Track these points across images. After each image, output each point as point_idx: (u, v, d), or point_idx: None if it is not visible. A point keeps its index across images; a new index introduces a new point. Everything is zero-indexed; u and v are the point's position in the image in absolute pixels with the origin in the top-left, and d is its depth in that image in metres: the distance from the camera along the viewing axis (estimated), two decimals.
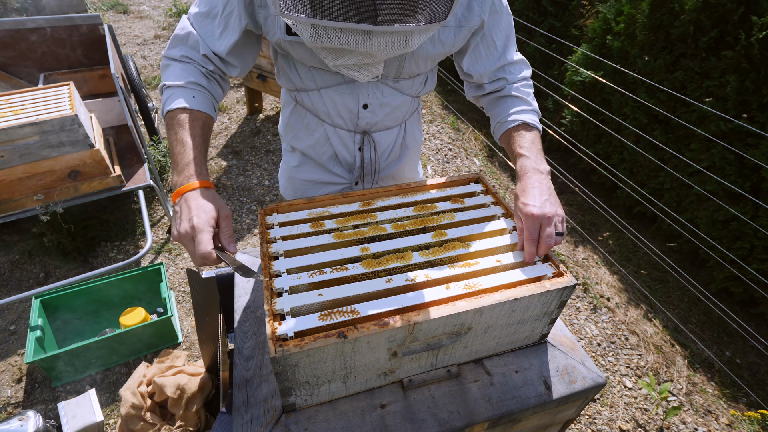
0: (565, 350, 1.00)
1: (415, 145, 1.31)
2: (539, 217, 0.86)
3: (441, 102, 4.52)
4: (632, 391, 2.19)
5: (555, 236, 0.87)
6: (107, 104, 2.82)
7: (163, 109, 0.93)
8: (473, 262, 0.87)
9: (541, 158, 0.98)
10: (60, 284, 2.06)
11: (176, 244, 2.72)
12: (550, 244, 0.86)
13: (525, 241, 0.88)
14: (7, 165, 2.01)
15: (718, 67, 2.37)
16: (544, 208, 0.87)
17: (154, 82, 4.34)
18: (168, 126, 0.91)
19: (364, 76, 0.80)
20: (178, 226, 0.81)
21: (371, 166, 1.22)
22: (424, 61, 1.02)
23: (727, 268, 2.45)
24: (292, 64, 1.05)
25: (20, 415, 1.66)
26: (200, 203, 0.81)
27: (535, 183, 0.92)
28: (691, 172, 2.58)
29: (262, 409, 0.86)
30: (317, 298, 0.78)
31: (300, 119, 1.18)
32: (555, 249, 2.96)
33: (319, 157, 1.22)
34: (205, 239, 0.78)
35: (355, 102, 1.07)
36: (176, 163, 0.87)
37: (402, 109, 1.15)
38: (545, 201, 0.88)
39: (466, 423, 0.85)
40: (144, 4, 6.21)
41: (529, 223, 0.87)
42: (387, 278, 0.82)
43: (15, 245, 2.59)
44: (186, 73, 0.94)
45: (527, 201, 0.89)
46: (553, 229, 0.87)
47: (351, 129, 1.14)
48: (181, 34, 0.95)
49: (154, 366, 1.89)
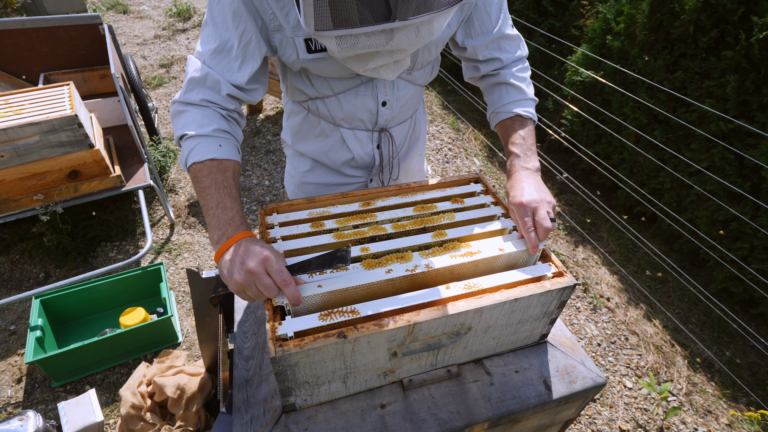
0: (565, 350, 1.00)
1: (422, 135, 1.34)
2: (527, 204, 0.90)
3: (441, 102, 4.52)
4: (632, 391, 2.19)
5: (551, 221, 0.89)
6: (107, 104, 2.82)
7: (186, 160, 0.88)
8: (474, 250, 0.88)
9: (531, 154, 1.01)
10: (60, 284, 2.06)
11: (176, 244, 2.72)
12: (547, 226, 0.87)
13: (522, 231, 0.90)
14: (7, 165, 2.01)
15: (718, 67, 2.37)
16: (530, 196, 0.91)
17: (154, 82, 4.34)
18: (197, 178, 0.86)
19: (393, 74, 0.81)
20: (240, 268, 0.73)
21: (389, 161, 1.22)
22: (435, 46, 1.03)
23: (727, 268, 2.45)
24: (307, 78, 1.04)
25: (20, 415, 1.66)
26: (260, 246, 0.76)
27: (522, 178, 0.96)
28: (691, 172, 2.58)
29: (262, 409, 0.86)
30: (316, 289, 0.78)
31: (312, 127, 1.17)
32: (555, 249, 2.96)
33: (332, 162, 1.22)
34: (281, 267, 0.73)
35: (374, 101, 1.07)
36: (217, 218, 0.81)
37: (414, 100, 1.17)
38: (532, 191, 0.92)
39: (466, 423, 0.85)
40: (144, 4, 6.21)
41: (520, 212, 0.90)
42: (387, 269, 0.82)
43: (15, 245, 2.59)
44: (207, 119, 0.89)
45: (515, 194, 0.94)
46: (545, 213, 0.89)
47: (369, 128, 1.14)
48: (197, 76, 0.89)
49: (154, 366, 1.89)
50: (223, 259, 0.77)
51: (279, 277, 0.72)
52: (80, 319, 2.19)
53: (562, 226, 3.15)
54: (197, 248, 2.72)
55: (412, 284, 0.84)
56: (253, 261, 0.72)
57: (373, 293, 0.82)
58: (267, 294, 0.73)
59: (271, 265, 0.72)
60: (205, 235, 2.81)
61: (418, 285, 0.85)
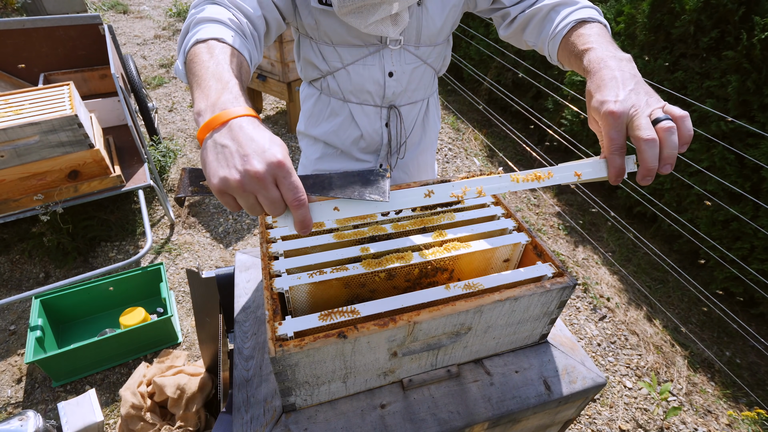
0: (565, 350, 1.00)
1: (435, 128, 1.34)
2: (621, 115, 0.61)
3: (441, 102, 4.52)
4: (632, 391, 2.19)
5: (663, 121, 0.59)
6: (107, 104, 2.82)
7: (186, 44, 0.70)
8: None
9: (615, 47, 0.75)
10: (60, 284, 2.06)
11: (176, 244, 2.72)
12: (648, 137, 0.59)
13: (609, 154, 0.63)
14: (7, 165, 2.01)
15: (718, 67, 2.37)
16: (627, 101, 0.62)
17: (154, 82, 4.34)
18: (194, 60, 0.65)
19: (393, 30, 0.84)
20: (240, 163, 0.51)
21: (397, 141, 1.23)
22: (440, 17, 1.04)
23: (727, 268, 2.45)
24: (317, 49, 1.07)
25: (20, 415, 1.66)
26: (269, 138, 0.54)
27: (613, 71, 0.67)
28: (691, 172, 2.58)
29: (262, 409, 0.86)
30: (332, 213, 0.62)
31: (324, 107, 1.20)
32: (555, 249, 2.96)
33: (342, 143, 1.23)
34: (297, 180, 0.54)
35: (381, 72, 1.09)
36: (208, 88, 0.60)
37: (424, 81, 1.18)
38: (630, 92, 0.63)
39: (466, 423, 0.85)
40: (144, 4, 6.21)
41: (609, 125, 0.62)
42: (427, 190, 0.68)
43: (15, 245, 2.59)
44: (228, 13, 0.75)
45: (605, 97, 0.64)
46: (647, 122, 0.60)
47: (377, 104, 1.16)
48: None
49: (154, 366, 1.89)
50: (211, 139, 0.54)
51: (292, 194, 0.53)
52: (80, 319, 2.19)
53: (562, 225, 3.15)
54: (197, 248, 2.72)
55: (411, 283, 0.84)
56: (260, 161, 0.51)
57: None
58: (268, 210, 0.54)
59: (286, 174, 0.52)
60: (206, 235, 2.81)
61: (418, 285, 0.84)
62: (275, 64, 3.34)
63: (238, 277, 1.17)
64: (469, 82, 4.56)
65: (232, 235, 2.83)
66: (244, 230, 2.87)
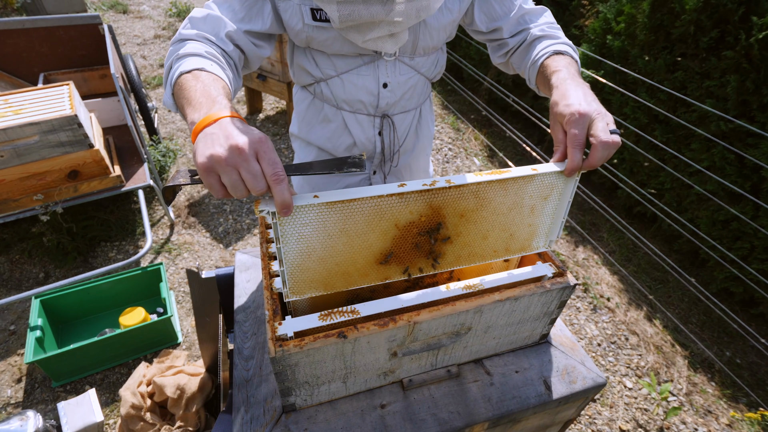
0: (565, 350, 1.00)
1: (428, 133, 1.34)
2: (587, 114, 0.72)
3: (441, 102, 4.52)
4: (632, 392, 2.19)
5: (614, 135, 0.71)
6: (107, 104, 2.82)
7: (171, 77, 0.77)
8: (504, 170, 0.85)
9: (580, 77, 0.87)
10: (60, 284, 2.06)
11: (176, 244, 2.72)
12: (610, 139, 0.70)
13: (570, 147, 0.73)
14: (7, 165, 2.01)
15: (718, 67, 2.37)
16: (591, 106, 0.73)
17: (154, 82, 4.34)
18: (182, 88, 0.73)
19: (391, 46, 0.85)
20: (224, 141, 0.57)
21: (390, 149, 1.23)
22: (437, 31, 1.04)
23: (728, 268, 2.45)
24: (311, 56, 1.06)
25: (20, 415, 1.66)
26: (255, 130, 0.61)
27: (577, 87, 0.79)
28: (691, 172, 2.58)
29: (262, 409, 0.86)
30: (311, 199, 0.64)
31: (317, 112, 1.19)
32: (555, 249, 2.96)
33: (335, 149, 1.23)
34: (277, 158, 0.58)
35: (375, 82, 1.09)
36: (199, 103, 0.67)
37: (418, 90, 1.17)
38: (592, 101, 0.75)
39: (466, 423, 0.85)
40: (144, 4, 6.20)
41: (574, 123, 0.72)
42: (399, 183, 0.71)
43: (15, 245, 2.59)
44: (202, 46, 0.83)
45: (570, 102, 0.75)
46: (605, 126, 0.72)
47: (371, 113, 1.15)
48: (198, 15, 0.87)
49: (154, 366, 1.89)
50: (202, 133, 0.60)
51: (272, 168, 0.56)
52: (80, 319, 2.19)
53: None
54: (197, 248, 2.72)
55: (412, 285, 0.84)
56: (242, 138, 0.57)
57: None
58: (250, 185, 0.57)
59: (266, 150, 0.57)
60: (205, 235, 2.81)
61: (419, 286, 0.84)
62: (275, 64, 3.34)
63: (238, 277, 1.17)
64: (469, 82, 4.56)
65: (232, 235, 2.83)
66: (244, 230, 2.87)
